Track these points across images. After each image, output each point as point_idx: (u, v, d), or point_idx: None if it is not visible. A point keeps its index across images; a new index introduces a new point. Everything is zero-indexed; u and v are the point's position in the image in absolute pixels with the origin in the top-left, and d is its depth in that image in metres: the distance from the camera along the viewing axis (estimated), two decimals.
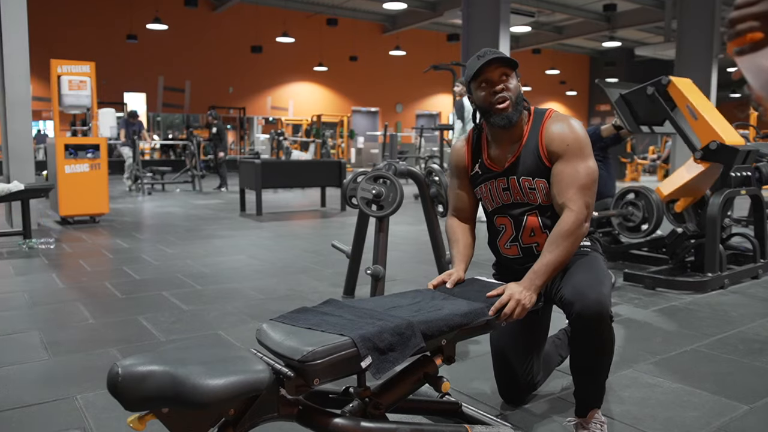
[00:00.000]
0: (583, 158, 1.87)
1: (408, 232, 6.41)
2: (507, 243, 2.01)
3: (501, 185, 1.97)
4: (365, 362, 1.42)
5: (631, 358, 2.66)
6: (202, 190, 11.65)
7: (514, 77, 1.92)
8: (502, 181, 1.97)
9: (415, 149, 16.29)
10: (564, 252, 1.79)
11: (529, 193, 1.93)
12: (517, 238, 1.98)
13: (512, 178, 1.94)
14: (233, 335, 2.99)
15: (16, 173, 6.27)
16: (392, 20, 21.90)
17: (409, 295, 1.85)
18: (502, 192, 1.98)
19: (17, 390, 2.30)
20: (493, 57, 1.86)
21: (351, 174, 3.57)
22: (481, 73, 1.89)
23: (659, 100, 4.06)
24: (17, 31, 6.29)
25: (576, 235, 1.81)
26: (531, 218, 1.94)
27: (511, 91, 1.88)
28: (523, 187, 1.93)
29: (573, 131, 1.89)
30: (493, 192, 2.00)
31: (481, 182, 2.03)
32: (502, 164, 1.97)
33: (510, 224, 1.99)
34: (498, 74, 1.88)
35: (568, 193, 1.84)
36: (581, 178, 1.85)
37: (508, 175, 1.95)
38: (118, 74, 17.30)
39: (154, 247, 5.45)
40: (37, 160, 8.70)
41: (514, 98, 1.89)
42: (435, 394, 1.86)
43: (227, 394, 1.23)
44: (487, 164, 2.01)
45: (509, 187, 1.96)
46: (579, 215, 1.82)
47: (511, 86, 1.89)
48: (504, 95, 1.87)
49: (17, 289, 3.91)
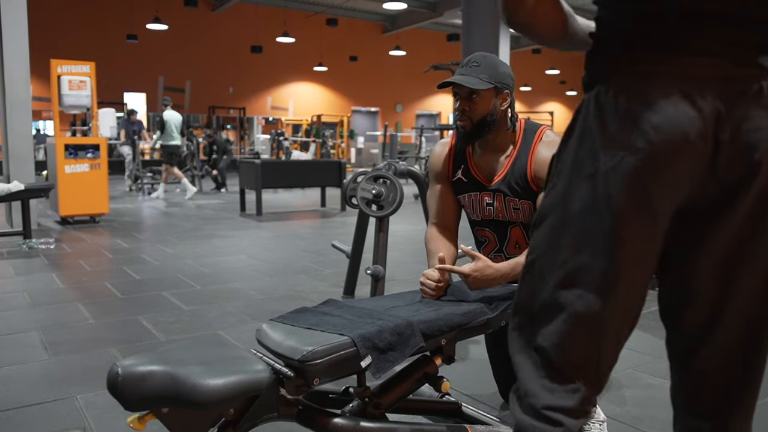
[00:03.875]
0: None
1: (408, 232, 6.41)
2: (491, 254, 1.99)
3: (486, 200, 1.94)
4: (365, 362, 1.42)
5: (631, 358, 2.66)
6: (202, 190, 11.66)
7: (488, 96, 1.84)
8: (488, 196, 1.94)
9: (415, 149, 16.29)
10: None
11: (513, 213, 1.92)
12: (502, 250, 1.97)
13: (498, 195, 1.92)
14: (233, 335, 2.99)
15: (16, 173, 6.27)
16: (392, 20, 21.90)
17: (409, 294, 1.85)
18: (485, 207, 1.95)
19: (17, 390, 2.31)
20: (459, 78, 1.81)
21: (351, 174, 3.57)
22: (451, 85, 1.85)
23: None
24: (17, 32, 6.29)
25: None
26: (515, 230, 1.93)
27: (474, 112, 1.84)
28: (508, 206, 1.91)
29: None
30: (475, 205, 1.97)
31: (465, 191, 1.99)
32: (490, 179, 1.94)
33: (493, 237, 1.97)
34: (465, 92, 1.84)
35: None
36: None
37: (494, 192, 1.92)
38: (118, 74, 17.30)
39: (154, 247, 5.46)
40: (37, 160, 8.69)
41: (475, 118, 1.84)
42: (435, 394, 1.87)
43: (227, 394, 1.23)
44: (474, 173, 1.97)
45: (494, 203, 1.93)
46: None
47: (477, 106, 1.83)
48: (464, 114, 1.85)
49: (17, 289, 3.91)
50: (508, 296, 1.82)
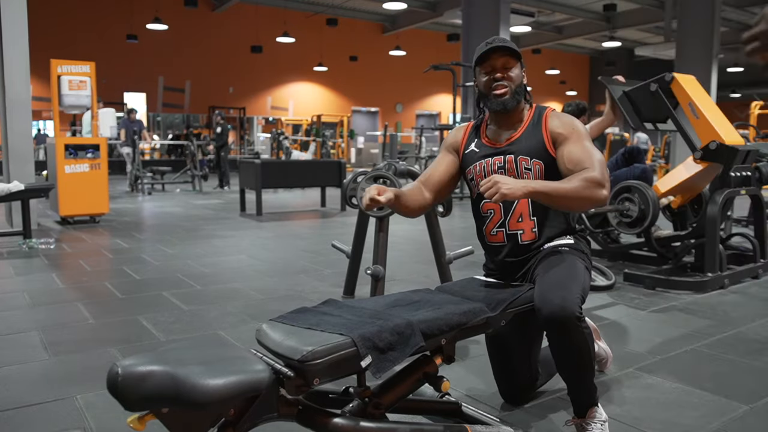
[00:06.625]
0: (590, 141, 1.93)
1: (408, 232, 6.41)
2: (493, 229, 2.01)
3: (497, 163, 1.99)
4: (365, 361, 1.42)
5: (631, 358, 2.66)
6: (202, 190, 11.66)
7: (517, 67, 1.99)
8: (499, 159, 1.99)
9: (415, 149, 16.29)
10: (574, 189, 1.74)
11: (523, 172, 1.95)
12: (504, 224, 1.99)
13: (509, 156, 1.98)
14: (233, 335, 2.99)
15: (16, 173, 6.27)
16: (392, 20, 21.90)
17: (409, 294, 1.85)
18: (497, 170, 1.99)
19: (17, 390, 2.30)
20: (497, 45, 1.94)
21: (351, 174, 3.56)
22: (485, 58, 1.97)
23: (662, 98, 4.04)
24: (17, 32, 6.29)
25: (594, 187, 1.76)
26: (521, 202, 1.96)
27: (511, 80, 1.96)
28: (519, 166, 1.96)
29: (577, 121, 1.99)
30: (486, 170, 2.01)
31: (476, 160, 2.04)
32: (501, 142, 2.02)
33: (499, 208, 1.99)
34: (501, 62, 1.96)
35: (586, 163, 1.83)
36: (597, 154, 1.88)
37: (505, 153, 1.99)
38: (118, 74, 17.30)
39: (154, 247, 5.45)
40: (37, 160, 8.70)
41: (513, 87, 1.96)
42: (435, 394, 1.87)
43: (227, 394, 1.23)
44: (485, 141, 2.05)
45: (505, 165, 1.98)
46: (603, 178, 1.78)
47: (513, 75, 1.97)
48: (503, 83, 1.95)
49: (17, 289, 3.91)
50: (508, 296, 1.82)
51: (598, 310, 3.47)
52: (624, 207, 4.42)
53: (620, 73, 4.77)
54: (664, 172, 15.15)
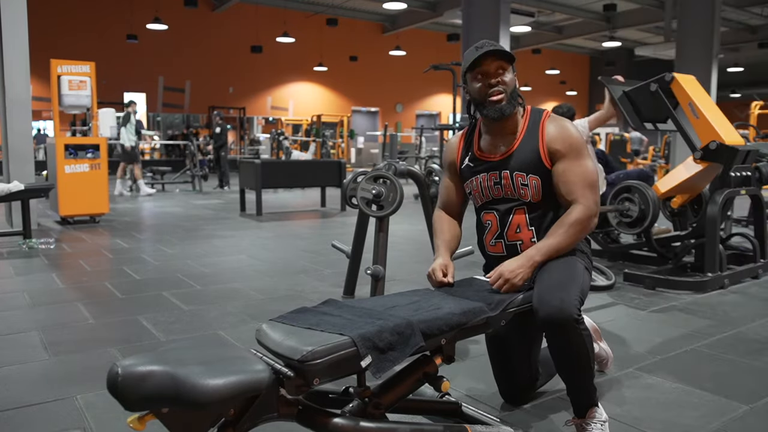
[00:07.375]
0: (585, 157, 1.92)
1: (408, 232, 6.41)
2: (492, 240, 2.01)
3: (493, 179, 1.97)
4: (365, 361, 1.42)
5: (631, 358, 2.66)
6: (202, 190, 11.65)
7: (510, 71, 1.93)
8: (495, 175, 1.97)
9: (415, 149, 16.28)
10: (568, 238, 1.84)
11: (520, 188, 1.93)
12: (502, 235, 1.98)
13: (505, 172, 1.95)
14: (233, 335, 2.99)
15: (16, 173, 6.27)
16: (392, 20, 21.89)
17: (408, 294, 1.85)
18: (493, 186, 1.98)
19: (17, 390, 2.30)
20: (490, 49, 1.87)
21: (351, 174, 3.56)
22: (477, 64, 1.90)
23: (662, 98, 4.04)
24: (17, 31, 6.29)
25: (584, 226, 1.86)
26: (518, 214, 1.95)
27: (506, 85, 1.91)
28: (515, 182, 1.94)
29: (574, 132, 1.94)
30: (483, 186, 2.00)
31: (472, 175, 2.02)
32: (495, 156, 1.98)
33: (495, 220, 1.99)
34: (494, 67, 1.90)
35: (578, 190, 1.88)
36: (589, 175, 1.89)
37: (501, 169, 1.96)
38: (118, 74, 17.30)
39: (154, 247, 5.45)
40: (37, 160, 8.69)
41: (508, 92, 1.91)
42: (435, 394, 1.86)
43: (227, 394, 1.23)
44: (478, 155, 2.01)
45: (501, 181, 1.96)
46: (590, 210, 1.87)
47: (507, 80, 1.91)
48: (499, 88, 1.90)
49: (17, 289, 3.90)
50: (508, 296, 1.82)
51: (598, 310, 3.47)
52: (624, 207, 4.42)
53: (620, 73, 4.78)
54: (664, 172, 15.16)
